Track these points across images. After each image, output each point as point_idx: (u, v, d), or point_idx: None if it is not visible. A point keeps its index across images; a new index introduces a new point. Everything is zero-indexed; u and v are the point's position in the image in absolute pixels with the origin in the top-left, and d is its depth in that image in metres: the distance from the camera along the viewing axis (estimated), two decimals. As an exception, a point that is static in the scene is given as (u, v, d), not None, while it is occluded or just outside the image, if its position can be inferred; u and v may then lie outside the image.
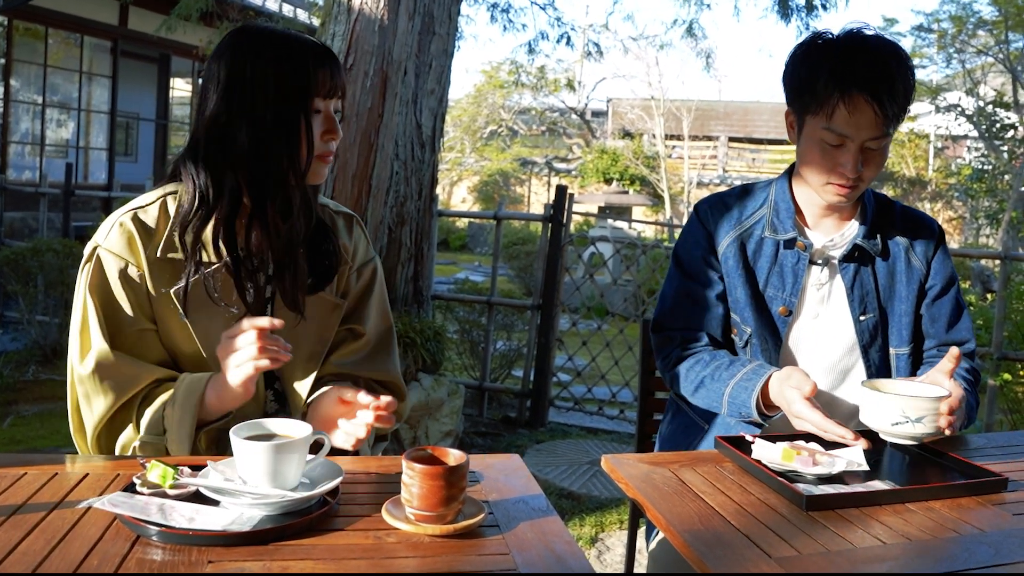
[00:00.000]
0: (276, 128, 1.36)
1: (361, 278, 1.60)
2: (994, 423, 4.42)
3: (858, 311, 1.65)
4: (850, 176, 1.54)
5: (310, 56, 1.38)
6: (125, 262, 1.37)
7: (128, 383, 1.35)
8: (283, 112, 1.36)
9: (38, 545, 0.98)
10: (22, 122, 9.50)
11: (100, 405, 1.35)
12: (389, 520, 1.06)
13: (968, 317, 1.74)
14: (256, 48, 1.38)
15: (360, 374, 1.56)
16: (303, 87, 1.37)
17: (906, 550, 1.07)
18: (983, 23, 14.00)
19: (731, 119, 20.73)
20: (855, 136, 1.51)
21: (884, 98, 1.48)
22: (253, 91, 1.36)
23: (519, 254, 10.28)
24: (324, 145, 1.42)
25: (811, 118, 1.56)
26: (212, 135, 1.38)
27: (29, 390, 4.88)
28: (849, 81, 1.48)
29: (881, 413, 1.40)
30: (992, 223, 13.06)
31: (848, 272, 1.66)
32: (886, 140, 1.54)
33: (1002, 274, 4.52)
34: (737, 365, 1.58)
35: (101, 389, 1.34)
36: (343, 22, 3.86)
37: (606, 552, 3.14)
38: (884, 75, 1.49)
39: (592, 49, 9.17)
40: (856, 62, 1.50)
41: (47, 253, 5.45)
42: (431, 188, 4.21)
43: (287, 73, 1.36)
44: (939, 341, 1.71)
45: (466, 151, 19.78)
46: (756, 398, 1.50)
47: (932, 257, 1.71)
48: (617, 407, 5.07)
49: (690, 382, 1.64)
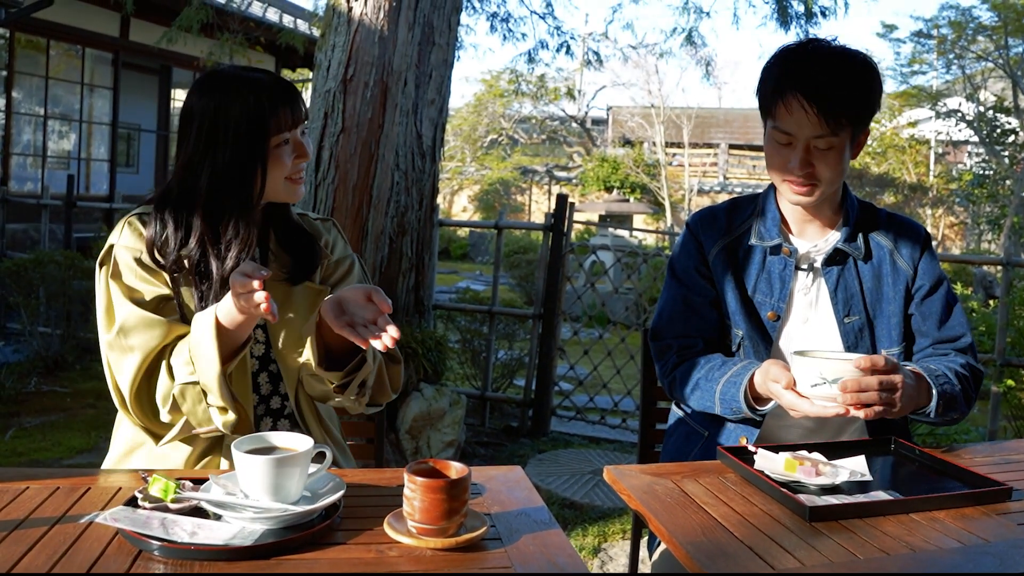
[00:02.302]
0: (231, 168, 1.48)
1: (340, 268, 1.71)
2: (997, 430, 4.40)
3: (842, 313, 1.69)
4: (798, 173, 1.61)
5: (268, 98, 1.49)
6: (139, 251, 1.49)
7: (153, 337, 1.43)
8: (240, 154, 1.48)
9: (40, 560, 0.98)
10: (24, 134, 9.52)
11: (130, 362, 1.42)
12: (391, 534, 1.06)
13: (961, 313, 1.75)
14: (219, 93, 1.50)
15: None
16: (262, 129, 1.49)
17: (910, 561, 1.07)
18: (983, 28, 14.03)
19: (731, 126, 20.76)
20: (797, 134, 1.60)
21: (814, 97, 1.55)
22: (215, 136, 1.48)
23: (520, 263, 10.28)
24: (295, 167, 1.54)
25: (767, 120, 1.66)
26: (183, 179, 1.51)
27: (31, 402, 4.88)
28: (785, 83, 1.59)
29: (801, 375, 1.41)
30: (994, 229, 13.06)
31: (831, 275, 1.71)
32: (834, 140, 1.59)
33: (1004, 280, 4.52)
34: (728, 365, 1.64)
35: (128, 347, 1.43)
36: (343, 33, 3.87)
37: (609, 563, 3.13)
38: (818, 77, 1.56)
39: (592, 58, 9.18)
40: (796, 65, 1.60)
41: (49, 265, 5.46)
42: (432, 198, 4.21)
43: (246, 118, 1.48)
44: (934, 339, 1.73)
45: (466, 160, 19.82)
46: (744, 391, 1.55)
47: (919, 259, 1.75)
48: (619, 416, 5.06)
49: (686, 385, 1.69)
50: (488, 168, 19.80)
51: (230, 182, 1.49)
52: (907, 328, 1.73)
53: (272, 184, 1.52)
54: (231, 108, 1.47)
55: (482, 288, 9.77)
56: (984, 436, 4.39)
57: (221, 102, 1.48)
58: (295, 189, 1.57)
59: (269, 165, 1.50)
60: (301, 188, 1.58)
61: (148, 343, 1.42)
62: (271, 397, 1.60)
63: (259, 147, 1.49)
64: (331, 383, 1.49)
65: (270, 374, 1.60)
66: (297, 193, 1.57)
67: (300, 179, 1.57)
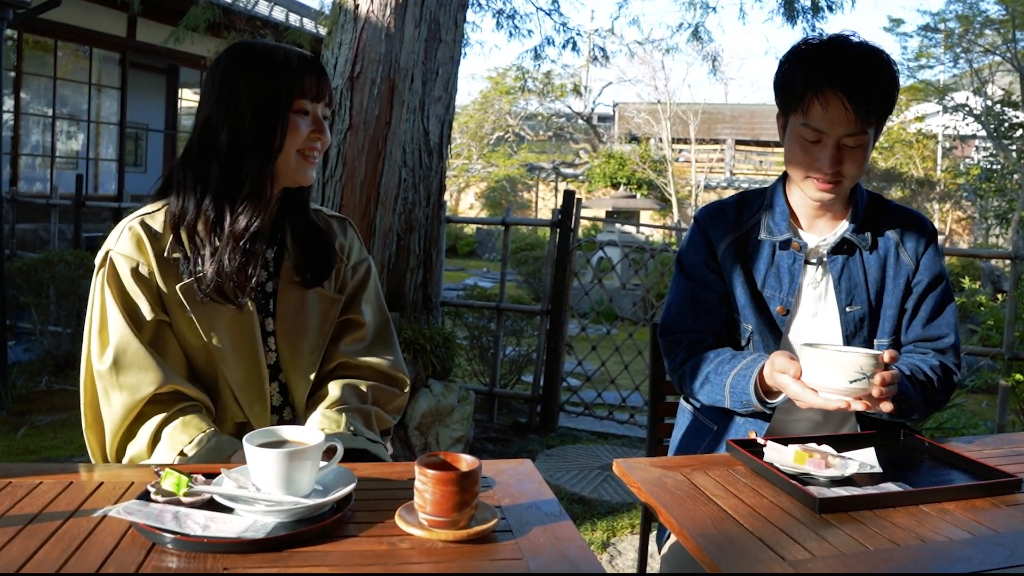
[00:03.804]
0: (253, 125, 1.46)
1: (356, 274, 1.69)
2: (1006, 424, 4.39)
3: (844, 303, 1.70)
4: (827, 171, 1.60)
5: (296, 63, 1.48)
6: (136, 262, 1.45)
7: (146, 382, 1.40)
8: (262, 112, 1.46)
9: (55, 554, 0.99)
10: (33, 134, 9.55)
11: (118, 402, 1.40)
12: (402, 526, 1.07)
13: (953, 314, 1.75)
14: (247, 60, 1.49)
15: (363, 363, 1.63)
16: (287, 89, 1.46)
17: (920, 552, 1.07)
18: (990, 22, 13.93)
19: (738, 122, 20.69)
20: (830, 132, 1.57)
21: (855, 95, 1.54)
22: (239, 96, 1.46)
23: (527, 259, 10.28)
24: (309, 141, 1.51)
25: (792, 116, 1.63)
26: (202, 139, 1.49)
27: (42, 400, 4.91)
28: (822, 78, 1.56)
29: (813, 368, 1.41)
30: (1002, 223, 12.99)
31: (836, 265, 1.71)
32: (864, 138, 1.58)
33: (1013, 274, 4.49)
34: (738, 358, 1.64)
35: (119, 384, 1.40)
36: (350, 31, 3.87)
37: (618, 556, 3.13)
38: (856, 74, 1.55)
39: (598, 54, 9.14)
40: (831, 61, 1.57)
41: (59, 264, 5.48)
42: (439, 195, 4.22)
43: (272, 77, 1.46)
44: (917, 336, 1.73)
45: (473, 157, 19.80)
46: (754, 383, 1.55)
47: (922, 254, 1.74)
48: (627, 411, 5.06)
49: (696, 379, 1.69)
50: (495, 165, 19.78)
51: (250, 139, 1.46)
52: (899, 321, 1.74)
53: (284, 155, 1.49)
54: (256, 70, 1.46)
55: (489, 285, 9.78)
56: (993, 430, 4.38)
57: (248, 63, 1.47)
58: (306, 169, 1.53)
59: (287, 129, 1.48)
60: (312, 171, 1.55)
61: (140, 388, 1.39)
62: (283, 408, 1.59)
63: (280, 107, 1.47)
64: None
65: (280, 384, 1.58)
66: (308, 175, 1.54)
67: (313, 159, 1.53)
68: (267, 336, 1.56)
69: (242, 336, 1.51)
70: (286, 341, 1.57)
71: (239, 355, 1.50)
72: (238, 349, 1.50)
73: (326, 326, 1.61)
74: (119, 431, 1.41)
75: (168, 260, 1.46)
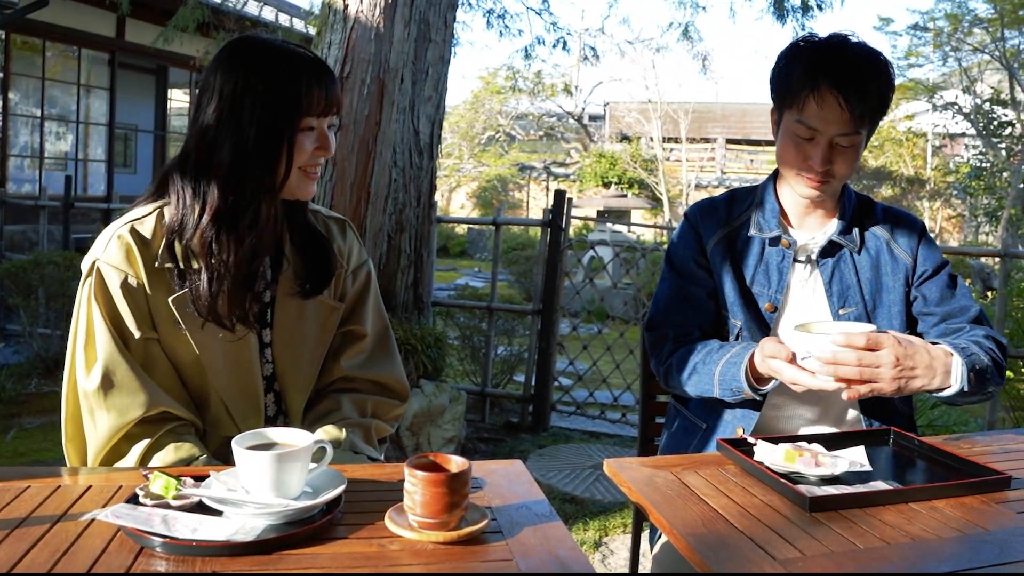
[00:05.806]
0: (257, 145, 1.38)
1: (357, 280, 1.63)
2: (996, 421, 4.41)
3: (837, 305, 1.70)
4: (818, 169, 1.60)
5: (304, 74, 1.39)
6: (125, 273, 1.38)
7: (134, 404, 1.35)
8: (267, 131, 1.38)
9: (42, 558, 0.98)
10: (21, 135, 9.51)
11: (104, 423, 1.35)
12: (392, 528, 1.06)
13: (966, 288, 1.75)
14: (250, 62, 1.39)
15: (364, 376, 1.60)
16: (292, 107, 1.38)
17: (911, 550, 1.07)
18: (979, 21, 14.01)
19: (728, 121, 20.73)
20: (824, 130, 1.58)
21: (852, 96, 1.54)
22: (242, 106, 1.37)
23: (519, 259, 10.28)
24: (313, 158, 1.43)
25: (787, 112, 1.63)
26: (200, 147, 1.40)
27: (31, 403, 4.88)
28: (820, 76, 1.56)
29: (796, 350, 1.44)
30: (991, 220, 13.06)
31: (826, 268, 1.71)
32: (856, 138, 1.59)
33: (1002, 272, 4.52)
34: (727, 347, 1.64)
35: (106, 406, 1.35)
36: (339, 31, 3.86)
37: (610, 556, 3.14)
38: (854, 75, 1.55)
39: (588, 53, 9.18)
40: (830, 60, 1.57)
41: (48, 266, 5.46)
42: (430, 195, 4.21)
43: (277, 91, 1.37)
44: (941, 316, 1.72)
45: (464, 157, 19.79)
46: (745, 370, 1.54)
47: (917, 247, 1.75)
48: (619, 411, 5.06)
49: (683, 370, 1.68)
50: (486, 165, 19.78)
51: (254, 162, 1.38)
52: (910, 316, 1.74)
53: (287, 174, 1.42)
54: (261, 80, 1.36)
55: (481, 285, 9.78)
56: (983, 427, 4.40)
57: (251, 71, 1.37)
58: (307, 185, 1.46)
59: (293, 150, 1.40)
60: (313, 186, 1.48)
61: (128, 411, 1.34)
62: (276, 417, 1.54)
63: (287, 127, 1.38)
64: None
65: (276, 394, 1.54)
66: (308, 190, 1.47)
67: (315, 174, 1.46)
68: (264, 347, 1.51)
69: (237, 351, 1.45)
70: (284, 353, 1.51)
71: (234, 370, 1.45)
72: (233, 364, 1.45)
73: (325, 335, 1.56)
74: (103, 450, 1.37)
75: (159, 270, 1.39)
